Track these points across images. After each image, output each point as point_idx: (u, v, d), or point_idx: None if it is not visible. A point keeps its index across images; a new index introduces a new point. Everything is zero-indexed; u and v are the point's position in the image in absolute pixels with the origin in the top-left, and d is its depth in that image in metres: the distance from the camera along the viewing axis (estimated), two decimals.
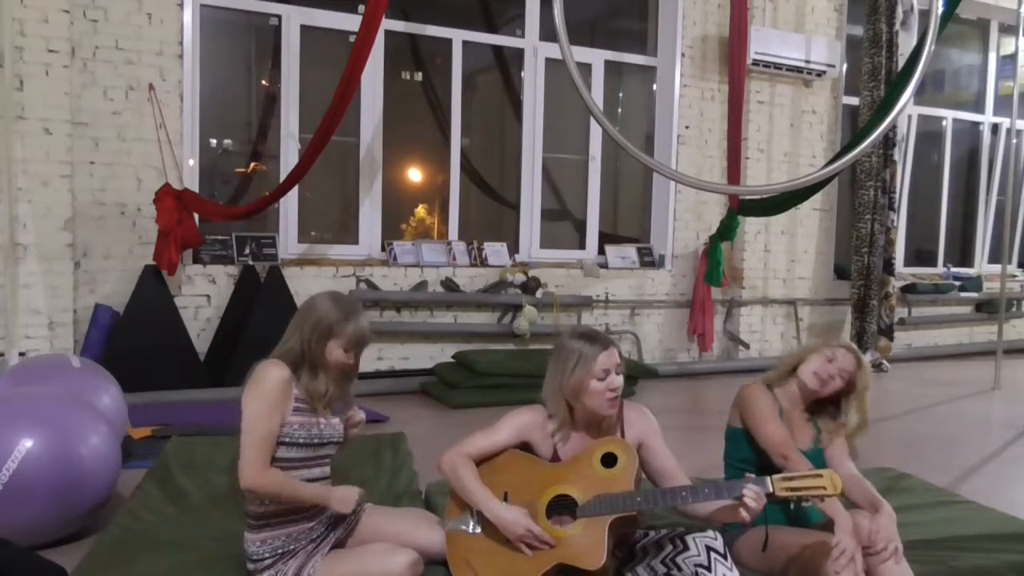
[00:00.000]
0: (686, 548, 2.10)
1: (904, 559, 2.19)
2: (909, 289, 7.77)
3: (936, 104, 8.56)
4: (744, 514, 2.01)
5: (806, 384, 2.48)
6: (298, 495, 2.19)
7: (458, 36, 6.27)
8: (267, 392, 2.15)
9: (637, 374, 5.91)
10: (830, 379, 2.46)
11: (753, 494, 2.00)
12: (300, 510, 2.22)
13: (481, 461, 2.29)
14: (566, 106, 6.67)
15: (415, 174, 6.74)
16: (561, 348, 2.26)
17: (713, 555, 2.07)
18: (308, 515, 2.24)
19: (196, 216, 5.16)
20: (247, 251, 5.47)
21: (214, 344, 5.30)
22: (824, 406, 2.55)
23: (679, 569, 2.08)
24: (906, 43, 6.99)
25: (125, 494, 3.07)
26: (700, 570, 2.06)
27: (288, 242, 5.78)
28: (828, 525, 2.30)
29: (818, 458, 2.46)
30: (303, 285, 5.48)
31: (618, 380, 2.22)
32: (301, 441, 2.21)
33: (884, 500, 2.30)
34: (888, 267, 7.27)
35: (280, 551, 2.21)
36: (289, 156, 5.73)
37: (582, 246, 6.89)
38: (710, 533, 2.11)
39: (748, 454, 2.49)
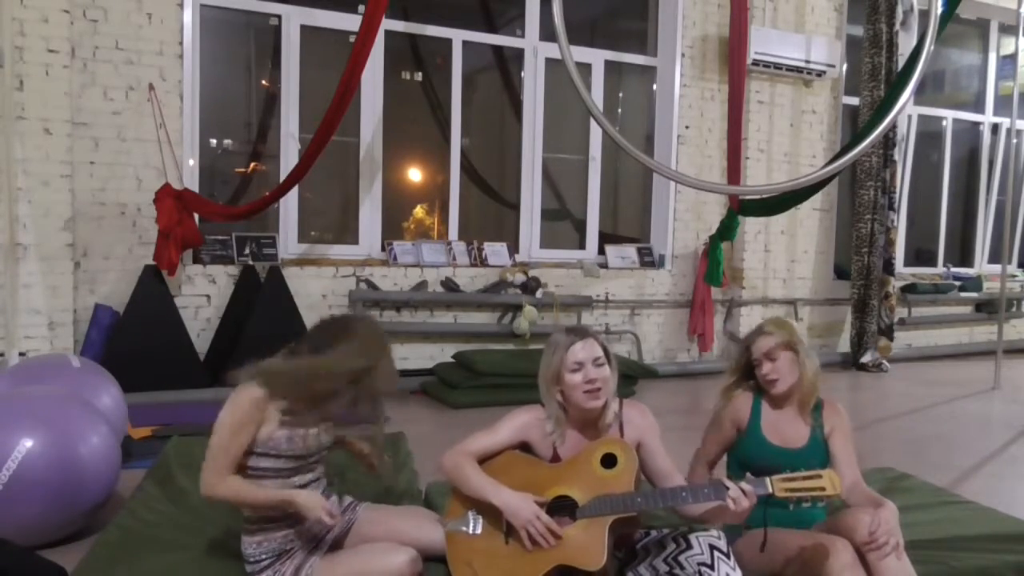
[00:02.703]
0: (689, 547, 2.09)
1: (905, 555, 2.18)
2: (909, 289, 7.76)
3: (936, 104, 8.55)
4: (730, 512, 2.02)
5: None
6: (259, 501, 2.13)
7: (458, 36, 6.26)
8: (237, 410, 2.15)
9: (637, 374, 5.91)
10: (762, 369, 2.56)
11: (737, 494, 2.00)
12: (294, 513, 2.19)
13: (481, 461, 2.28)
14: (566, 106, 6.67)
15: (415, 174, 6.74)
16: (547, 343, 2.31)
17: (716, 554, 2.05)
18: (303, 517, 2.21)
19: (196, 216, 5.17)
20: (247, 251, 5.47)
21: (214, 344, 5.30)
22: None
23: (682, 568, 2.07)
24: (906, 43, 6.99)
25: (125, 494, 3.07)
26: (703, 568, 2.04)
27: (288, 242, 5.78)
28: (826, 527, 2.30)
29: (816, 448, 2.45)
30: (303, 285, 5.49)
31: (595, 372, 2.20)
32: (286, 453, 2.18)
33: (885, 499, 2.30)
34: (888, 267, 7.26)
35: (276, 552, 2.20)
36: (289, 156, 5.72)
37: (582, 246, 6.88)
38: (714, 532, 2.11)
39: (743, 457, 2.52)
